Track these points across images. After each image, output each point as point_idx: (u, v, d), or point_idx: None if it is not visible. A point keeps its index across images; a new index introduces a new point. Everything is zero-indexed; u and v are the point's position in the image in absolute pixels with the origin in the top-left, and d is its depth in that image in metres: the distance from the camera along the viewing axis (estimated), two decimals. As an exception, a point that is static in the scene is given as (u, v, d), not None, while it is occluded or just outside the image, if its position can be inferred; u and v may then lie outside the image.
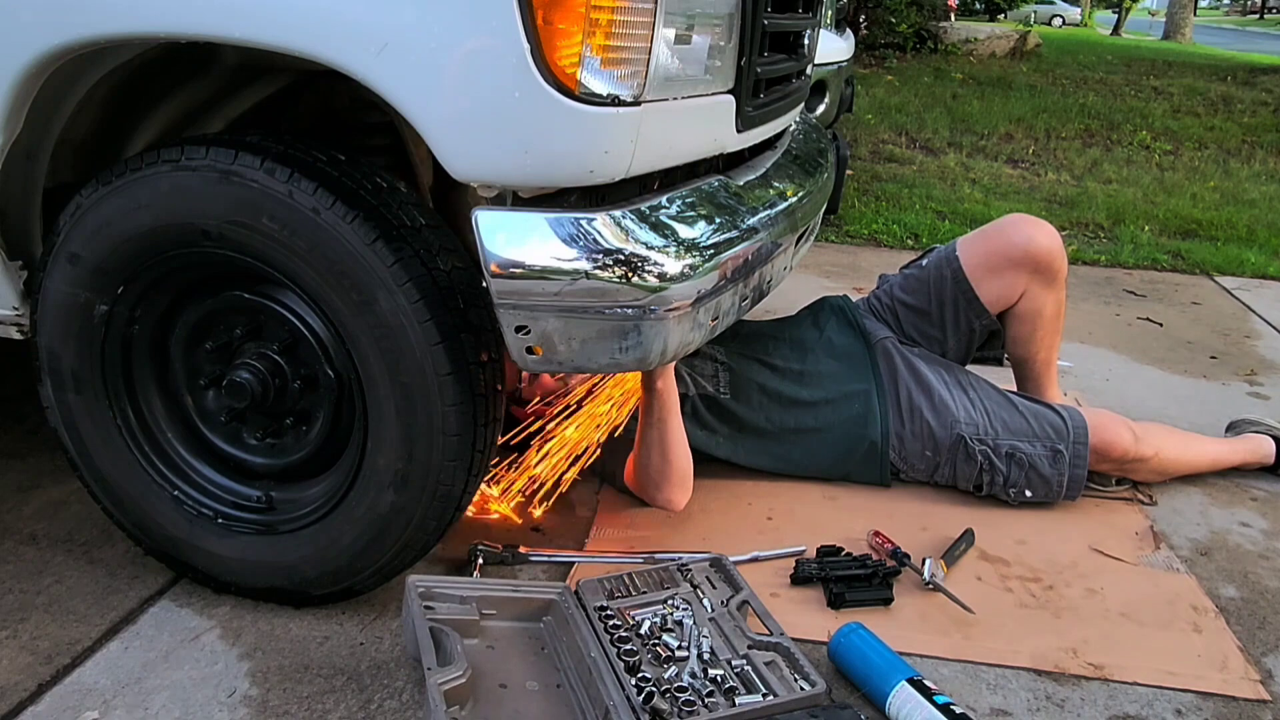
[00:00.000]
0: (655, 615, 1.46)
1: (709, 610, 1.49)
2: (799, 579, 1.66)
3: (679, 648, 1.40)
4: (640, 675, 1.32)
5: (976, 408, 1.96)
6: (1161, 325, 3.25)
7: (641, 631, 1.42)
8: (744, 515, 1.88)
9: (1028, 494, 1.92)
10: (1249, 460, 2.16)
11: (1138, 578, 1.74)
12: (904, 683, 1.34)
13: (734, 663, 1.38)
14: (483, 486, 1.73)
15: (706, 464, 1.93)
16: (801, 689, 1.33)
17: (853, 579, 1.63)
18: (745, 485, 1.98)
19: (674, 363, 1.68)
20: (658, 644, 1.40)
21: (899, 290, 2.16)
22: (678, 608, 1.48)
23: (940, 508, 1.94)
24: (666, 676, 1.34)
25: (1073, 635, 1.57)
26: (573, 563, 1.70)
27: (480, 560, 1.65)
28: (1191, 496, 2.05)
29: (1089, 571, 1.75)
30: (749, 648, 1.41)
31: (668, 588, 1.53)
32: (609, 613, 1.44)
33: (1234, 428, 2.30)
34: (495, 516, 1.82)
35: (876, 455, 1.97)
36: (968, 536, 1.79)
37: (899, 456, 1.98)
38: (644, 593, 1.51)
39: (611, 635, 1.39)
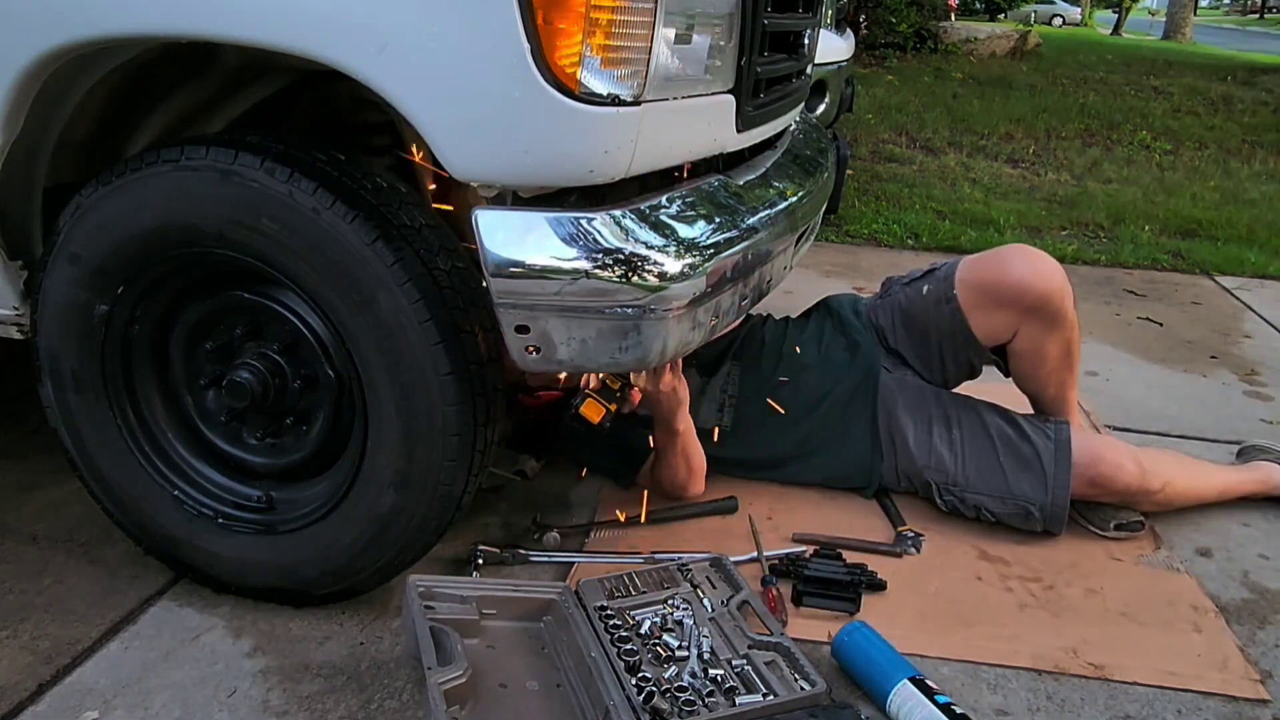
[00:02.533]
0: (655, 615, 1.46)
1: (709, 610, 1.49)
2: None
3: (679, 647, 1.40)
4: (641, 675, 1.32)
5: (953, 451, 1.88)
6: (1161, 325, 3.25)
7: (641, 631, 1.42)
8: (744, 515, 1.88)
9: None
10: (1257, 490, 2.04)
11: (1138, 578, 1.74)
12: (905, 681, 1.34)
13: (734, 662, 1.38)
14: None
15: (709, 465, 1.93)
16: (802, 689, 1.33)
17: (828, 582, 1.61)
18: (746, 485, 1.97)
19: (688, 402, 1.77)
20: (658, 644, 1.40)
21: (900, 320, 2.04)
22: (678, 608, 1.48)
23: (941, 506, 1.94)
24: (667, 676, 1.34)
25: (1073, 635, 1.57)
26: (573, 563, 1.70)
27: (480, 560, 1.65)
28: (1191, 496, 2.05)
29: (1089, 571, 1.75)
30: (749, 648, 1.41)
31: (668, 588, 1.53)
32: (609, 612, 1.44)
33: (1244, 454, 2.17)
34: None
35: (865, 479, 1.97)
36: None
37: (880, 480, 1.98)
38: (644, 593, 1.51)
39: (612, 635, 1.39)
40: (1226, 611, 1.66)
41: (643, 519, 1.70)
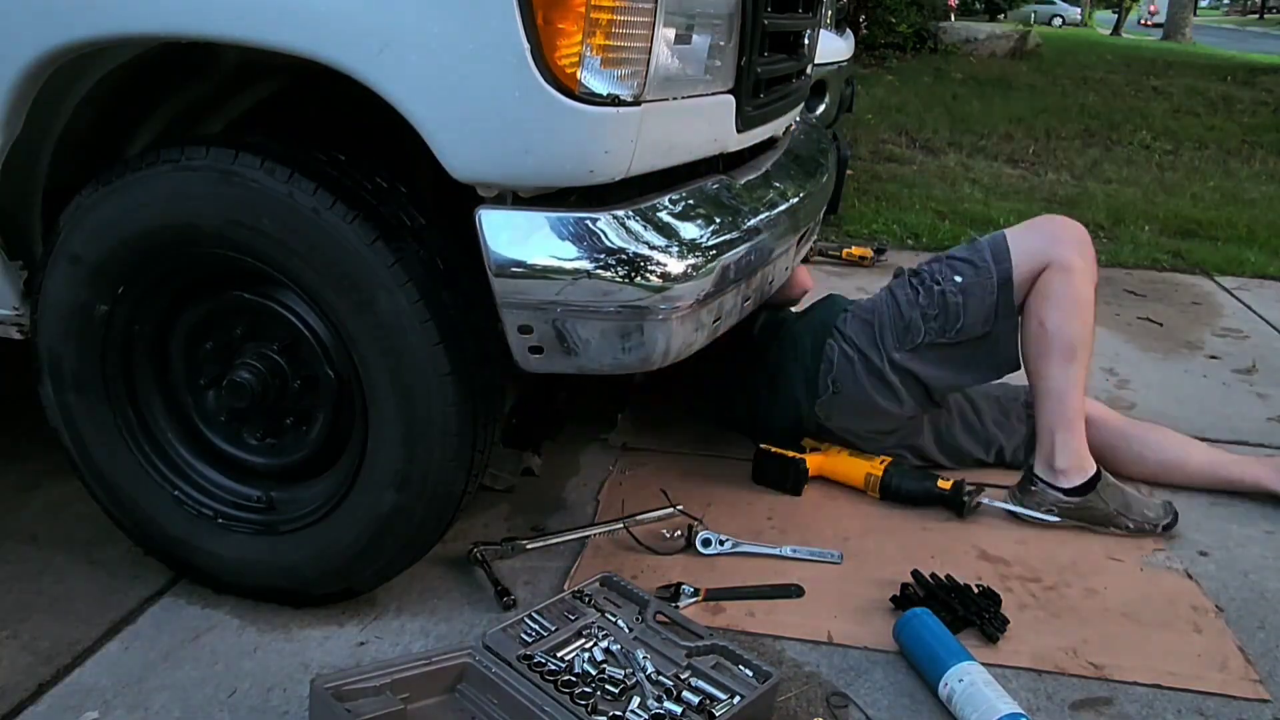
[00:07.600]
0: (583, 651, 1.38)
1: (627, 630, 1.42)
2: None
3: (627, 675, 1.33)
4: (612, 715, 1.25)
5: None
6: (1161, 325, 3.25)
7: (577, 671, 1.34)
8: (744, 515, 1.88)
9: (957, 279, 1.86)
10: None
11: (1138, 578, 1.74)
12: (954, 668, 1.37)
13: (682, 676, 1.33)
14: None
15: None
16: (756, 682, 1.31)
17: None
18: (745, 484, 1.98)
19: None
20: (603, 679, 1.32)
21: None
22: (598, 637, 1.41)
23: (941, 509, 1.94)
24: (633, 709, 1.26)
25: (1073, 635, 1.57)
26: (571, 546, 1.69)
27: (480, 558, 1.65)
28: (1191, 497, 2.05)
29: (1089, 571, 1.75)
30: (688, 656, 1.37)
31: (574, 618, 1.45)
32: (537, 660, 1.34)
33: None
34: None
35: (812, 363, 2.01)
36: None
37: (848, 344, 1.97)
38: (555, 631, 1.42)
39: (553, 682, 1.30)
40: (1226, 611, 1.66)
41: (702, 596, 1.63)
